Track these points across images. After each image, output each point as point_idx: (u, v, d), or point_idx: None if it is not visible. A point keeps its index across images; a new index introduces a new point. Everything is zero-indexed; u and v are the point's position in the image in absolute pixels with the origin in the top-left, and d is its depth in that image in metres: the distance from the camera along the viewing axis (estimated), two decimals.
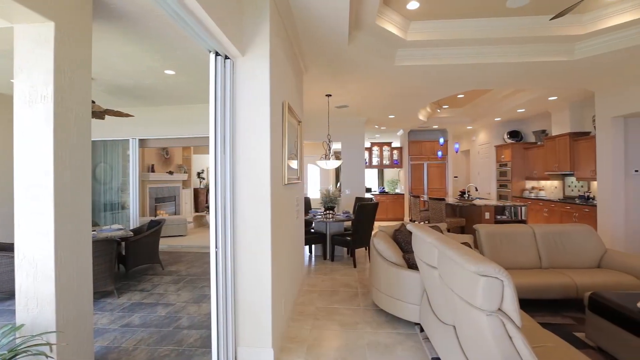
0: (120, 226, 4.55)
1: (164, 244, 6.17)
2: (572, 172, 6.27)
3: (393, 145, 10.50)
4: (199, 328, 2.87)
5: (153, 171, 8.04)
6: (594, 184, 5.92)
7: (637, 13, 3.27)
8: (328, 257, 5.27)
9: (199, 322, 2.99)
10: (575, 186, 6.61)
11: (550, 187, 7.33)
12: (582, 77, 4.62)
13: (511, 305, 1.42)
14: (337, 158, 5.99)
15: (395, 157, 10.32)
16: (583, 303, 2.66)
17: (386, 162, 10.34)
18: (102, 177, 6.39)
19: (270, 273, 2.29)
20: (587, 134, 6.10)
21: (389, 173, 11.04)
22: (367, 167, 10.12)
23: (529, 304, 3.30)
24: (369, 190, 10.35)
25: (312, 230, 5.55)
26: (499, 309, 1.44)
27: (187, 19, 1.69)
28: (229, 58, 2.24)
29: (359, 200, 6.52)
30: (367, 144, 10.36)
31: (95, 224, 5.18)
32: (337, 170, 10.98)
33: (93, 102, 4.30)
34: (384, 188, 10.64)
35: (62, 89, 1.54)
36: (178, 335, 2.74)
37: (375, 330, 2.84)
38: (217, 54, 2.16)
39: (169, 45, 3.27)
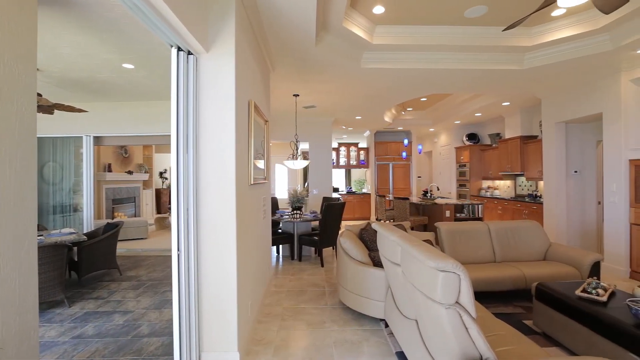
0: (71, 230, 4.22)
1: (122, 248, 5.82)
2: (522, 173, 6.77)
3: (360, 145, 10.72)
4: (160, 335, 2.75)
5: (110, 170, 7.56)
6: (541, 183, 6.44)
7: (575, 29, 3.61)
8: (295, 257, 5.26)
9: (160, 329, 2.86)
10: (525, 185, 7.15)
11: (503, 187, 7.86)
12: (531, 85, 5.02)
13: (467, 298, 1.50)
14: (305, 158, 6.00)
15: (362, 157, 10.54)
16: (531, 293, 2.89)
17: (353, 162, 10.53)
18: (51, 177, 5.90)
19: (235, 275, 2.24)
20: (535, 137, 6.61)
21: (356, 173, 11.25)
22: (334, 167, 10.24)
23: (485, 295, 3.52)
24: (336, 190, 10.48)
25: (280, 231, 5.52)
26: (457, 302, 1.53)
27: (146, 10, 1.61)
28: (192, 54, 2.17)
29: (326, 200, 6.57)
30: (335, 144, 10.48)
31: (42, 228, 4.76)
32: (305, 170, 11.00)
33: (39, 95, 3.95)
34: (351, 188, 10.82)
35: (1, 79, 1.41)
36: (137, 344, 2.60)
37: (342, 328, 2.88)
38: (179, 49, 2.08)
39: (127, 38, 3.09)
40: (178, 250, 2.06)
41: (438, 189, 9.80)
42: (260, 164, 3.24)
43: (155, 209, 9.93)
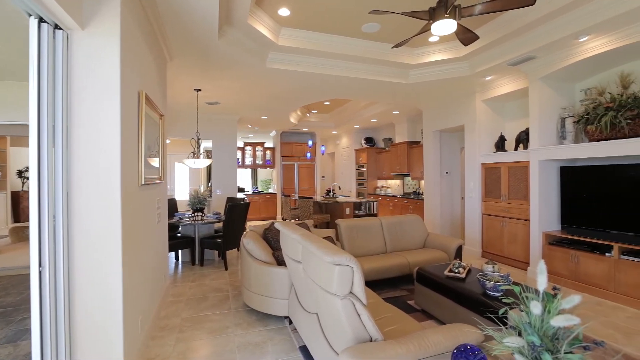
0: None
1: None
2: (408, 173, 7.81)
3: (266, 145, 10.66)
4: None
5: None
6: (422, 182, 7.55)
7: (445, 55, 4.35)
8: (197, 262, 4.93)
9: None
10: (411, 184, 8.27)
11: (394, 185, 8.92)
12: (414, 97, 5.83)
13: (359, 287, 1.66)
14: (208, 157, 5.66)
15: (268, 157, 10.50)
16: (413, 277, 3.36)
17: (259, 162, 10.41)
18: None
19: (121, 289, 1.97)
20: (418, 142, 7.71)
21: (263, 173, 11.15)
22: (240, 166, 9.94)
23: (377, 283, 3.93)
24: (242, 190, 10.19)
25: (179, 235, 5.07)
26: (351, 292, 1.67)
27: None
28: (60, 28, 1.81)
29: (230, 200, 6.33)
30: (240, 144, 10.18)
31: None
32: (209, 170, 10.36)
33: None
34: (257, 188, 10.68)
35: None
36: None
37: (246, 330, 2.83)
38: (41, 20, 1.71)
39: None
40: (40, 266, 1.70)
41: (340, 188, 10.48)
42: (155, 162, 2.92)
43: (12, 217, 7.93)
